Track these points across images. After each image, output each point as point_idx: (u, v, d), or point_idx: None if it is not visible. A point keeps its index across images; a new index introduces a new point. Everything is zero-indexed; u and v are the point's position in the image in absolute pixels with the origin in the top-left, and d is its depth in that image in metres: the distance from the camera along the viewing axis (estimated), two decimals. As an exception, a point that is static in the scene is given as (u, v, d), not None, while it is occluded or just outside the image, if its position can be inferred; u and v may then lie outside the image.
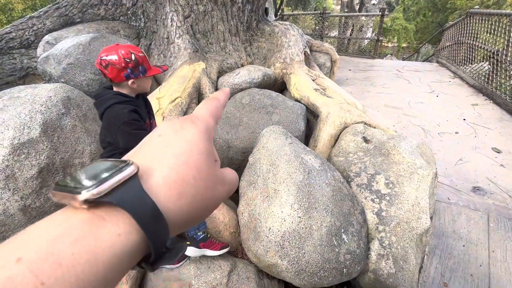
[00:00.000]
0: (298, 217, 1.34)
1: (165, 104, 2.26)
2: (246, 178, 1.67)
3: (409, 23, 14.01)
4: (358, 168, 1.84)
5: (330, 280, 1.33)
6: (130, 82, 1.17)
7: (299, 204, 1.37)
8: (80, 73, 2.38)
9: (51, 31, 3.10)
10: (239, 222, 1.61)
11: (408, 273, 1.44)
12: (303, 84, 2.79)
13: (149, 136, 0.25)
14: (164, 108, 2.23)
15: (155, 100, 2.27)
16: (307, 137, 2.49)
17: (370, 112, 3.97)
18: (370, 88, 5.05)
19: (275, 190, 1.45)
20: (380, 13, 7.37)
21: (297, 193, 1.39)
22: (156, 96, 2.32)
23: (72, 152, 1.59)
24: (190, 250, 1.45)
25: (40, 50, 2.81)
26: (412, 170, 1.69)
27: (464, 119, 3.81)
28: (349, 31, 9.69)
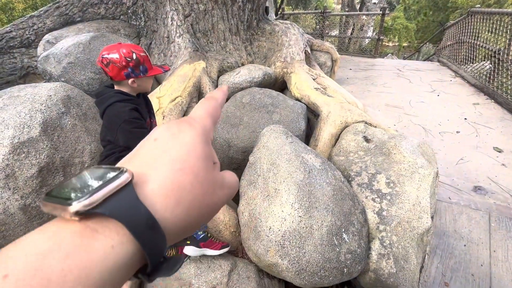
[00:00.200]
0: (299, 216, 1.34)
1: (166, 103, 2.26)
2: (247, 178, 1.66)
3: (410, 22, 13.96)
4: (358, 168, 1.83)
5: (331, 279, 1.32)
6: (130, 81, 1.16)
7: (299, 203, 1.36)
8: (80, 72, 2.38)
9: (51, 30, 3.10)
10: (239, 222, 1.61)
11: (409, 273, 1.44)
12: (304, 83, 2.78)
13: (145, 140, 0.24)
14: (164, 107, 2.23)
15: (155, 99, 2.26)
16: (308, 136, 2.48)
17: (371, 111, 3.97)
18: (371, 87, 5.04)
19: (275, 190, 1.44)
20: (380, 12, 7.37)
21: (298, 193, 1.39)
22: (156, 95, 2.32)
23: (72, 151, 1.59)
24: (190, 250, 1.44)
25: (41, 49, 2.81)
26: (413, 170, 1.68)
27: (465, 119, 3.80)
28: (349, 30, 9.68)
